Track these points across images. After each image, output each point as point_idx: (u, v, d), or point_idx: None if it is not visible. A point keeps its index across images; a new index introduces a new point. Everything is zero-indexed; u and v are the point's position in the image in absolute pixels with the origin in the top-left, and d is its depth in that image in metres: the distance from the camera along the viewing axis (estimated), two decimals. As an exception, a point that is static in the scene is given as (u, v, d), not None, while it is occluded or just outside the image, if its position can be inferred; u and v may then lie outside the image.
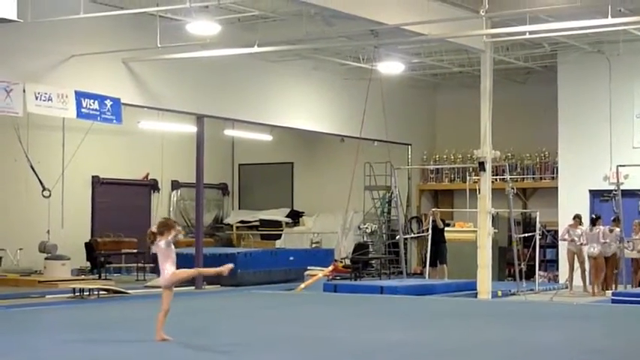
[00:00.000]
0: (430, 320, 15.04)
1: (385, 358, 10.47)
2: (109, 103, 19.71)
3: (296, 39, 21.45)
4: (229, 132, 30.37)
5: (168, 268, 11.37)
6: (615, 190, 23.26)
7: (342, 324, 14.15)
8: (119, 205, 28.04)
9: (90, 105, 19.32)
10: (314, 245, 29.46)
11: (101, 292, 19.48)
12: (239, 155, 33.62)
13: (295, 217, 32.19)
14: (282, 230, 31.39)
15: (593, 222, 22.80)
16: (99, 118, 19.63)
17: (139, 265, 25.20)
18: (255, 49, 19.75)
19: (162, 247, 11.38)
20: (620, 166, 23.52)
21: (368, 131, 23.89)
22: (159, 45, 18.92)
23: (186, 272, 11.90)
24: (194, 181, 23.22)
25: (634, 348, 11.53)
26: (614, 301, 18.84)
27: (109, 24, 19.71)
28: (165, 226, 11.49)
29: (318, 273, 22.93)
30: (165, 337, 11.38)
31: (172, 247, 11.44)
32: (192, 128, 24.14)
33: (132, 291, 20.24)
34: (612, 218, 23.00)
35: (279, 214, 32.10)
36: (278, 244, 30.26)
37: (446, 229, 25.44)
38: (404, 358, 10.56)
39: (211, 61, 21.70)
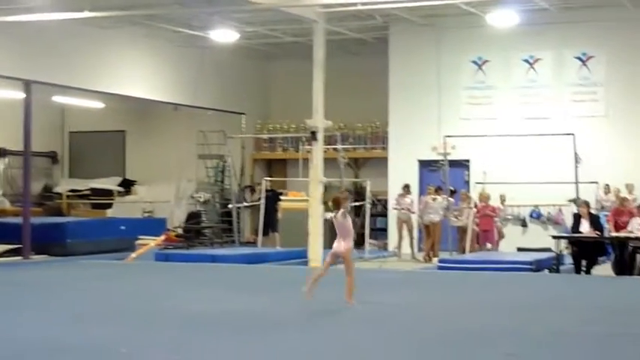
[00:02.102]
0: (261, 288, 15.13)
1: (213, 328, 10.48)
2: None
3: (128, 5, 21.09)
4: (59, 99, 29.65)
5: (347, 242, 12.28)
6: (442, 161, 23.85)
7: (172, 294, 14.08)
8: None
9: None
10: (146, 214, 29.17)
11: None
12: (70, 123, 32.93)
13: (127, 185, 31.80)
14: (113, 199, 30.95)
15: (437, 192, 23.54)
16: None
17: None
18: (86, 14, 19.36)
19: (340, 219, 12.27)
20: (448, 136, 24.10)
21: (202, 100, 23.83)
22: (-16, 7, 18.31)
23: (350, 259, 12.65)
24: (22, 149, 22.60)
25: (461, 309, 11.90)
26: (440, 268, 19.36)
27: None
28: (338, 200, 12.44)
29: (150, 242, 22.76)
30: (310, 296, 12.27)
31: (348, 217, 12.36)
32: (19, 94, 23.44)
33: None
34: (436, 188, 23.75)
35: (110, 183, 31.65)
36: (109, 213, 29.81)
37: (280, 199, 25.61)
38: (233, 326, 10.59)
39: (40, 26, 21.09)
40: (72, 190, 31.77)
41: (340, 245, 12.35)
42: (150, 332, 10.07)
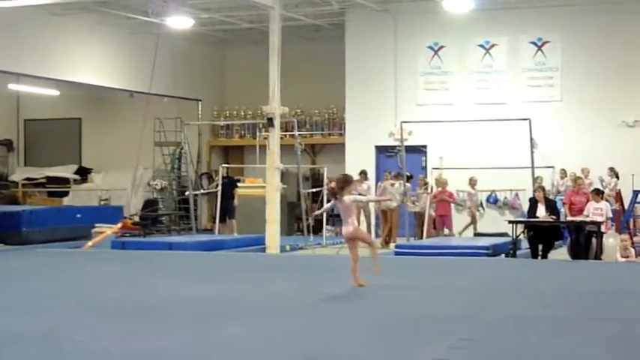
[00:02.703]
0: (218, 275, 15.07)
1: (170, 315, 10.42)
2: None
3: (82, -9, 20.89)
4: (13, 86, 29.35)
5: (352, 222, 12.30)
6: (399, 146, 23.90)
7: (128, 282, 13.99)
8: None
9: None
10: (102, 202, 29.00)
11: None
12: (24, 110, 32.63)
13: (83, 173, 31.59)
14: (69, 187, 30.73)
15: (397, 177, 23.65)
16: None
17: None
18: (40, 1, 19.15)
19: (347, 202, 12.24)
20: (404, 122, 24.16)
21: (157, 87, 23.65)
22: None
23: (364, 234, 13.05)
24: (-25, 137, 22.37)
25: (416, 295, 11.93)
26: (397, 254, 19.39)
27: None
28: (345, 181, 12.41)
29: (107, 230, 22.62)
30: (361, 283, 12.25)
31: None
32: (-28, 82, 23.18)
33: None
34: (395, 174, 23.79)
35: (66, 171, 31.42)
36: (65, 201, 29.63)
37: (237, 185, 25.52)
38: (188, 313, 10.53)
39: (-8, 13, 20.85)
40: (27, 179, 31.50)
41: (349, 228, 12.38)
42: (105, 320, 9.98)
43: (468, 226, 24.29)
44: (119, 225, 23.37)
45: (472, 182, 24.39)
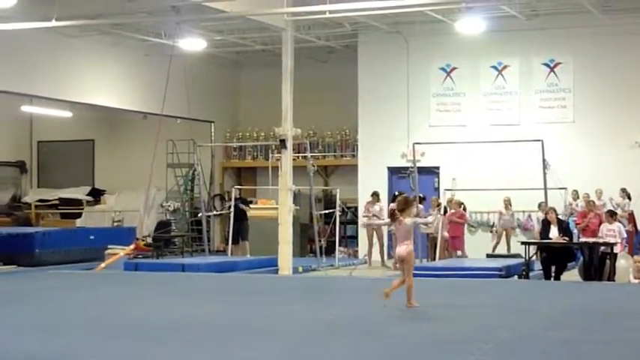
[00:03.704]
0: (230, 297, 15.08)
1: (183, 337, 10.43)
2: None
3: (95, 14, 21.00)
4: (27, 108, 29.51)
5: (409, 245, 12.41)
6: (412, 168, 23.91)
7: (141, 303, 14.01)
8: None
9: None
10: (115, 223, 29.06)
11: None
12: (38, 132, 32.77)
13: (96, 195, 31.66)
14: (82, 209, 30.80)
15: (394, 199, 23.52)
16: None
17: None
18: (53, 24, 19.23)
19: (408, 224, 12.43)
20: (417, 143, 24.19)
21: (170, 108, 23.74)
22: (-51, 16, 18.18)
23: (412, 263, 12.69)
24: (-11, 159, 22.48)
25: (429, 315, 11.92)
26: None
27: None
28: (406, 203, 12.59)
29: (119, 252, 22.65)
30: (414, 304, 12.40)
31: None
32: (-14, 104, 23.30)
33: None
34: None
35: (79, 193, 31.51)
36: (78, 222, 29.69)
37: (249, 206, 25.54)
38: (201, 334, 10.55)
39: (7, 35, 20.96)
40: (40, 200, 31.60)
41: (403, 248, 12.51)
42: (118, 342, 10.00)
43: (495, 246, 24.25)
44: (132, 246, 23.41)
45: (505, 203, 24.29)
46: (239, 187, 26.02)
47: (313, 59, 28.21)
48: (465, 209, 23.87)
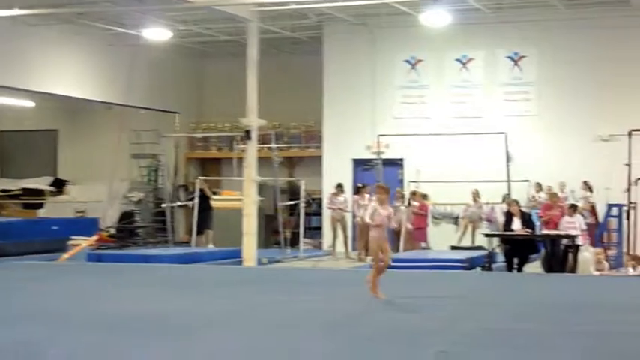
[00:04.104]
0: (194, 288, 15.03)
1: (144, 329, 10.39)
2: None
3: (59, 3, 20.84)
4: (-11, 97, 29.24)
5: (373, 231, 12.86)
6: (376, 159, 23.96)
7: (103, 294, 13.94)
8: None
9: None
10: (78, 214, 28.86)
11: None
12: (0, 122, 32.44)
13: (60, 185, 31.44)
14: (45, 199, 30.58)
15: (358, 191, 23.65)
16: None
17: None
18: (16, 12, 19.09)
19: (383, 214, 12.72)
20: (381, 135, 24.25)
21: (135, 99, 23.68)
22: None
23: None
24: (-50, 149, 22.25)
25: (392, 307, 11.95)
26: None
27: None
28: (388, 192, 13.13)
29: (82, 242, 22.53)
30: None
31: None
32: (-53, 93, 23.06)
33: None
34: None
35: (42, 183, 31.26)
36: (41, 213, 29.46)
37: (213, 197, 25.47)
38: (163, 327, 10.51)
39: (-32, 24, 20.77)
40: (3, 190, 31.31)
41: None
42: (80, 334, 9.94)
43: (460, 238, 24.32)
44: (95, 237, 23.29)
45: (473, 195, 24.31)
46: (204, 178, 25.90)
47: (278, 50, 28.17)
48: (427, 201, 23.98)
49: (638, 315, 11.79)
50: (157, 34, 24.16)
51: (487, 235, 19.85)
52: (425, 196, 23.87)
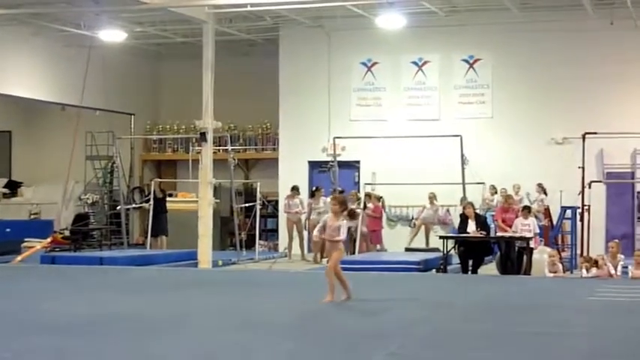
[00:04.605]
0: (148, 291, 14.98)
1: (97, 331, 10.34)
2: None
3: (14, 3, 20.68)
4: (-59, 98, 28.88)
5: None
6: (332, 162, 23.99)
7: (56, 297, 13.85)
8: None
9: None
10: (32, 216, 28.65)
11: None
12: (-48, 123, 32.11)
13: (13, 187, 31.12)
14: (-2, 201, 30.29)
15: (313, 194, 23.70)
16: None
17: None
18: (-31, 12, 18.89)
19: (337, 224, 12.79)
20: (337, 138, 24.30)
21: (89, 100, 23.53)
22: None
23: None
24: None
25: (345, 309, 11.99)
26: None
27: None
28: (344, 204, 13.06)
29: (36, 245, 22.37)
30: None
31: None
32: None
33: None
34: (314, 189, 23.93)
35: (-5, 185, 30.96)
36: (-6, 215, 29.17)
37: (168, 199, 25.36)
38: (116, 329, 10.46)
39: None
40: (-45, 192, 30.98)
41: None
42: (34, 337, 9.87)
43: (412, 239, 24.40)
44: (49, 239, 23.13)
45: (430, 198, 24.38)
46: (159, 179, 25.77)
47: (234, 52, 28.08)
48: (383, 203, 24.07)
49: (590, 317, 11.92)
50: (113, 35, 23.98)
51: (442, 237, 19.93)
52: (379, 199, 23.97)
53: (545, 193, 23.93)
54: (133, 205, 27.38)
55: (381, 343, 9.45)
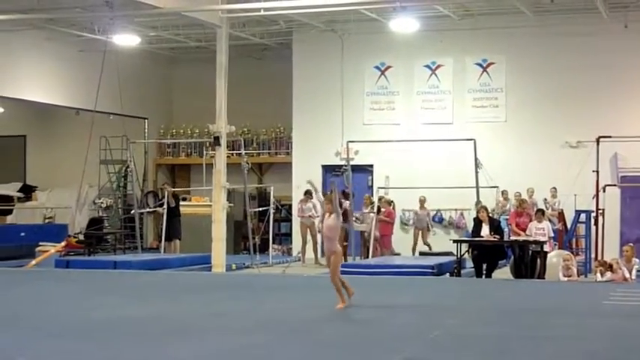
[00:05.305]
0: (163, 295, 15.01)
1: (113, 335, 10.37)
2: None
3: (29, 8, 20.74)
4: (-43, 103, 29.04)
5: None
6: (346, 166, 23.99)
7: (72, 301, 13.89)
8: None
9: None
10: (47, 220, 28.73)
11: None
12: (-34, 127, 32.25)
13: (28, 191, 31.19)
14: (13, 205, 30.34)
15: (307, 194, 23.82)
16: None
17: None
18: (-16, 17, 18.97)
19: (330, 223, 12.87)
20: (351, 142, 24.29)
21: (104, 104, 23.57)
22: None
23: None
24: None
25: (361, 313, 11.98)
26: (342, 273, 19.34)
27: None
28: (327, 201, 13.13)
29: (51, 249, 22.41)
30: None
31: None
32: None
33: None
34: (305, 191, 23.98)
35: (10, 189, 31.00)
36: (9, 219, 29.24)
37: (182, 203, 25.41)
38: (131, 333, 10.49)
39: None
40: (-30, 196, 31.08)
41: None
42: (49, 341, 9.91)
43: (414, 248, 24.41)
44: (63, 243, 23.17)
45: (420, 202, 24.46)
46: (168, 186, 25.66)
47: (248, 57, 28.15)
48: (393, 207, 24.04)
49: (604, 321, 11.88)
50: (127, 39, 24.06)
51: (455, 241, 19.90)
52: (390, 203, 23.94)
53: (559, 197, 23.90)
54: (147, 209, 27.42)
55: (395, 347, 9.45)
